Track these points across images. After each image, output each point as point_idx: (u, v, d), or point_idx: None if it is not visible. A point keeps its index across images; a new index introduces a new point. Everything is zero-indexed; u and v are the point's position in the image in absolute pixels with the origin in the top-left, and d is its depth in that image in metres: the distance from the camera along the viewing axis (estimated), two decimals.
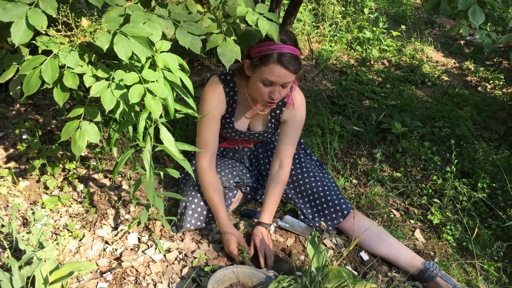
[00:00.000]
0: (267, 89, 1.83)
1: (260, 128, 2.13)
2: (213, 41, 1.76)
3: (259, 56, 1.80)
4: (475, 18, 1.96)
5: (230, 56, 1.74)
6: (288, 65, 1.76)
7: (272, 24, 1.89)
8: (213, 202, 1.95)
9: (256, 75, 1.83)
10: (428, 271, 1.90)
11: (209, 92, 1.97)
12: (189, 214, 1.97)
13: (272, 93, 1.83)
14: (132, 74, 1.42)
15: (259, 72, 1.82)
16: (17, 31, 1.33)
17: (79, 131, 1.55)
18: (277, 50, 1.77)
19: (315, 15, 4.98)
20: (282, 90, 1.84)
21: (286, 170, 2.07)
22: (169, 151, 1.58)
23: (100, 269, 1.77)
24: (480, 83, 4.42)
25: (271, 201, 2.02)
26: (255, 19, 1.82)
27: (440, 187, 2.58)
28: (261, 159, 2.27)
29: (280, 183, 2.05)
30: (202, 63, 3.72)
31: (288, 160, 2.07)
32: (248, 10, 1.83)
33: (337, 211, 2.07)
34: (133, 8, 1.50)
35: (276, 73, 1.78)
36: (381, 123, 3.09)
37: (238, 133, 2.12)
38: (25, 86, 1.40)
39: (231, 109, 2.03)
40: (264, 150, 2.28)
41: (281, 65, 1.76)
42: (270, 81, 1.80)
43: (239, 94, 2.01)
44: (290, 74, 1.79)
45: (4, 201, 2.05)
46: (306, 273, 1.61)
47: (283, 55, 1.76)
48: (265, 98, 1.86)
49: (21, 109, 2.70)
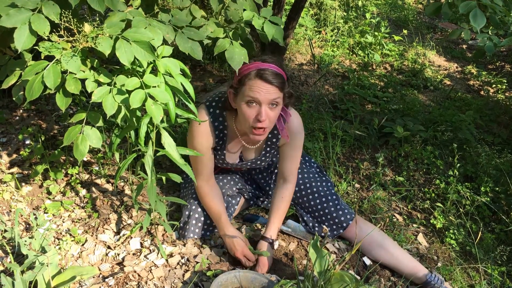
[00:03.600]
0: (252, 111, 1.71)
1: (253, 156, 2.06)
2: (221, 45, 1.77)
3: (238, 79, 1.73)
4: (476, 22, 1.96)
5: (238, 60, 1.75)
6: (268, 78, 1.66)
7: (277, 28, 1.90)
8: (212, 208, 1.94)
9: (239, 99, 1.74)
10: (430, 284, 1.88)
11: (196, 130, 1.88)
12: (192, 224, 1.98)
13: (259, 115, 1.69)
14: (133, 79, 1.43)
15: (241, 95, 1.72)
16: (20, 36, 1.34)
17: (81, 136, 1.55)
18: (254, 67, 1.69)
19: (317, 20, 5.00)
20: (270, 112, 1.71)
21: (291, 185, 2.01)
22: (171, 155, 1.58)
23: (103, 274, 1.77)
24: (483, 87, 4.41)
25: (276, 216, 1.97)
26: (261, 23, 1.84)
27: (443, 191, 2.57)
28: (256, 179, 2.26)
29: (285, 198, 1.98)
30: (204, 68, 3.73)
31: (292, 176, 2.00)
32: (254, 15, 1.85)
33: (336, 223, 2.06)
34: (134, 14, 1.51)
35: (256, 88, 1.67)
36: (383, 127, 3.09)
37: (230, 164, 2.07)
38: (28, 91, 1.41)
39: (221, 142, 1.96)
40: (258, 171, 2.25)
41: (260, 78, 1.67)
42: (253, 97, 1.68)
43: (229, 129, 1.93)
44: (272, 88, 1.68)
45: (7, 206, 2.06)
46: (309, 278, 1.61)
47: (263, 70, 1.67)
48: (252, 123, 1.73)
49: (24, 114, 2.71)
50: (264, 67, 1.69)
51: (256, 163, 2.08)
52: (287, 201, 1.99)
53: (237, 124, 1.90)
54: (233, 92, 1.77)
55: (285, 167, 1.99)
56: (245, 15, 1.80)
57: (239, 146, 2.01)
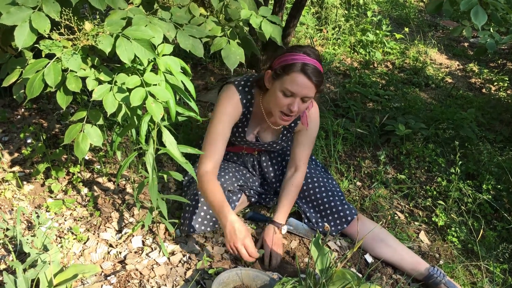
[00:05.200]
0: (286, 100, 1.79)
1: (270, 138, 2.11)
2: (217, 44, 1.77)
3: (282, 66, 1.77)
4: (477, 19, 1.95)
5: (234, 59, 1.75)
6: (311, 76, 1.73)
7: (275, 27, 1.90)
8: (216, 195, 1.81)
9: (277, 85, 1.80)
10: (433, 277, 1.88)
11: (226, 99, 1.93)
12: (193, 219, 1.96)
13: (291, 105, 1.78)
14: (134, 77, 1.43)
15: (280, 82, 1.78)
16: (21, 34, 1.35)
17: (82, 134, 1.56)
18: (301, 60, 1.75)
19: (318, 18, 4.99)
20: (302, 105, 1.80)
21: (301, 174, 2.08)
22: (172, 154, 1.58)
23: (104, 272, 1.77)
24: (485, 85, 4.40)
25: (286, 201, 2.03)
26: (258, 22, 1.83)
27: (445, 189, 2.57)
28: (264, 167, 2.25)
29: (295, 186, 2.06)
30: (205, 67, 3.73)
31: (303, 165, 2.08)
32: (252, 13, 1.84)
33: (341, 217, 2.06)
34: (135, 11, 1.51)
35: (298, 82, 1.74)
36: (385, 125, 3.09)
37: (247, 142, 2.10)
38: (28, 89, 1.41)
39: (245, 120, 2.00)
40: (268, 158, 2.26)
41: (304, 74, 1.73)
42: (291, 91, 1.76)
43: (254, 106, 1.99)
44: (311, 86, 1.75)
45: (9, 204, 2.06)
46: (310, 275, 1.60)
47: (307, 65, 1.74)
48: (284, 110, 1.81)
49: (26, 113, 2.72)
50: (309, 62, 1.75)
51: (272, 145, 2.13)
52: (297, 188, 2.06)
53: (264, 103, 1.95)
54: (273, 75, 1.82)
55: (297, 153, 2.08)
56: (243, 14, 1.80)
57: (261, 124, 2.06)
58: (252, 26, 1.83)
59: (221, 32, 1.82)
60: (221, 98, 1.94)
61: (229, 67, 1.73)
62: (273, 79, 1.82)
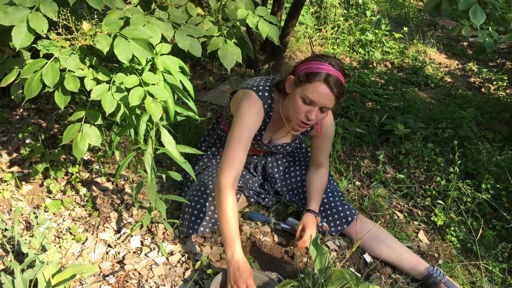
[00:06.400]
0: (305, 107, 1.78)
1: (283, 140, 2.11)
2: (214, 43, 1.77)
3: (306, 73, 1.77)
4: (475, 18, 1.95)
5: (231, 59, 1.75)
6: (333, 87, 1.73)
7: (272, 26, 1.89)
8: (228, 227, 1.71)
9: (298, 91, 1.79)
10: (432, 277, 1.88)
11: (248, 107, 1.87)
12: (192, 220, 1.96)
13: (309, 113, 1.78)
14: (132, 77, 1.43)
15: (301, 88, 1.77)
16: (18, 34, 1.34)
17: (80, 134, 1.55)
18: (325, 70, 1.74)
19: (317, 18, 4.99)
20: (319, 114, 1.80)
21: (325, 170, 2.14)
22: (170, 153, 1.58)
23: (103, 272, 1.77)
24: (484, 84, 4.40)
25: (316, 193, 2.06)
26: (255, 22, 1.83)
27: (444, 188, 2.57)
28: (270, 168, 2.24)
29: (323, 178, 2.10)
30: (204, 67, 3.73)
31: (326, 162, 2.14)
32: (249, 13, 1.84)
33: (341, 217, 2.06)
34: (133, 11, 1.51)
35: (319, 92, 1.74)
36: (384, 125, 3.08)
37: (261, 145, 2.09)
38: (26, 89, 1.41)
39: (263, 124, 1.98)
40: (274, 159, 2.25)
41: (326, 84, 1.73)
42: (311, 99, 1.75)
43: (274, 111, 1.97)
44: (332, 97, 1.75)
45: (7, 205, 2.06)
46: (309, 275, 1.60)
47: (331, 76, 1.74)
48: (301, 118, 1.81)
49: (24, 113, 2.71)
50: (333, 73, 1.75)
51: (285, 147, 2.14)
52: (323, 181, 2.10)
53: (283, 107, 1.94)
54: (295, 80, 1.81)
55: (318, 156, 2.13)
56: (239, 14, 1.80)
57: (279, 128, 2.06)
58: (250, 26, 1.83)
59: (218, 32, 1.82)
60: (244, 106, 1.88)
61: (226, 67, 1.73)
62: (295, 85, 1.82)
